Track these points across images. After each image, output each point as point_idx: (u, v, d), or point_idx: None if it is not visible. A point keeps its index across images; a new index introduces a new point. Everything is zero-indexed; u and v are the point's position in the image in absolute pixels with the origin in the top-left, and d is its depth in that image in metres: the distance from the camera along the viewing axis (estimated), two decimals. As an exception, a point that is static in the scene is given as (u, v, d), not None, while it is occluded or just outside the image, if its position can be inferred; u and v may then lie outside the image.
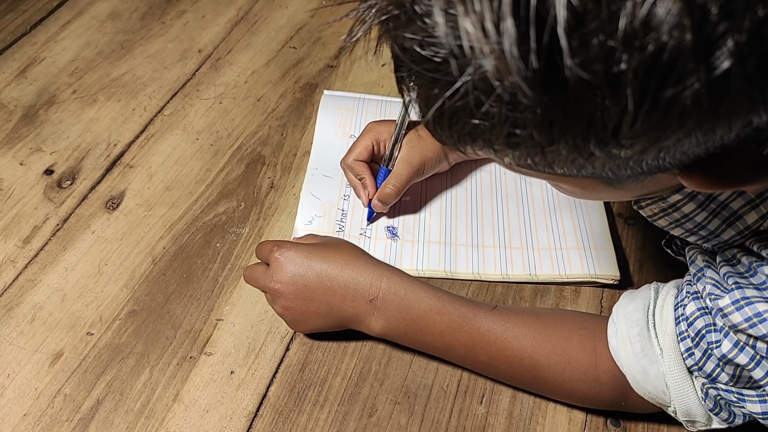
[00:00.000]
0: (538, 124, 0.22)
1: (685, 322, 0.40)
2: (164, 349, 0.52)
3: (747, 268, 0.38)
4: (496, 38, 0.19)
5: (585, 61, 0.19)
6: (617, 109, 0.21)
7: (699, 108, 0.20)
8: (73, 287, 0.55)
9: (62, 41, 0.78)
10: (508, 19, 0.19)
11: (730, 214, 0.40)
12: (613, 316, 0.45)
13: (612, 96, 0.20)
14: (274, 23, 0.83)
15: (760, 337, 0.35)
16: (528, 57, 0.20)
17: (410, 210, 0.62)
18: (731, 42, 0.19)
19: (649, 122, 0.21)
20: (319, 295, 0.48)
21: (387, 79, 0.74)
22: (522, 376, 0.48)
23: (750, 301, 0.35)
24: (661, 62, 0.19)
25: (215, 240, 0.59)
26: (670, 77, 0.19)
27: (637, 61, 0.19)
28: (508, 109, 0.21)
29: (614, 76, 0.19)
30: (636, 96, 0.20)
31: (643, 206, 0.44)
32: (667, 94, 0.20)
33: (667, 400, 0.42)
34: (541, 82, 0.20)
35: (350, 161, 0.59)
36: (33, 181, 0.63)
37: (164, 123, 0.69)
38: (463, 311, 0.48)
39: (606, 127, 0.21)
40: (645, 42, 0.19)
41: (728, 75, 0.19)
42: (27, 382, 0.49)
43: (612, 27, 0.19)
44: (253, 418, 0.48)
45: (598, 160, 0.24)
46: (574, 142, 0.23)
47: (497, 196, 0.63)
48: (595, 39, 0.19)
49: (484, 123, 0.23)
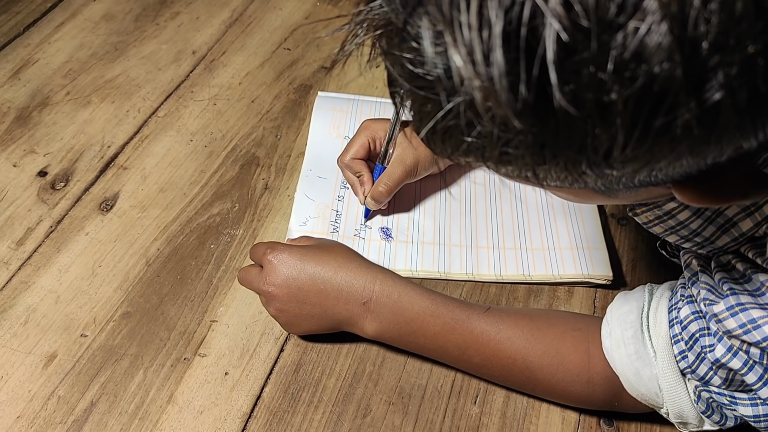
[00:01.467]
0: (530, 147, 0.22)
1: (679, 326, 0.41)
2: (158, 350, 0.52)
3: (742, 274, 0.38)
4: (485, 70, 0.19)
5: (575, 91, 0.19)
6: (607, 136, 0.21)
7: (690, 136, 0.20)
8: (66, 289, 0.55)
9: (56, 43, 0.78)
10: (497, 50, 0.19)
11: (725, 222, 0.40)
12: (607, 317, 0.46)
13: (602, 124, 0.20)
14: (269, 25, 0.83)
15: (754, 343, 0.35)
16: (517, 88, 0.19)
17: (404, 211, 0.62)
18: (722, 75, 0.19)
19: (640, 148, 0.21)
20: (312, 298, 0.49)
21: (381, 81, 0.75)
22: (515, 378, 0.48)
23: (744, 308, 0.35)
24: (651, 93, 0.19)
25: (209, 241, 0.59)
26: (661, 108, 0.19)
27: (628, 91, 0.19)
28: (500, 130, 0.21)
29: (604, 105, 0.19)
30: (626, 125, 0.20)
31: (638, 213, 0.44)
32: (658, 123, 0.20)
33: (659, 401, 0.43)
34: (531, 111, 0.20)
35: (347, 160, 0.59)
36: (26, 183, 0.63)
37: (158, 124, 0.69)
38: (456, 313, 0.48)
39: (597, 151, 0.21)
40: (636, 73, 0.19)
41: (719, 106, 0.19)
42: (20, 384, 0.49)
43: (602, 59, 0.18)
44: (248, 419, 0.48)
45: (590, 177, 0.24)
46: (566, 164, 0.23)
47: (491, 197, 0.63)
48: (585, 70, 0.19)
49: (476, 141, 0.23)
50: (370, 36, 0.24)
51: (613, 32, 0.18)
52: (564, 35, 0.18)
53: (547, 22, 0.18)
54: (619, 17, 0.18)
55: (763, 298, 0.35)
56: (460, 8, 0.19)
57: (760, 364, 0.36)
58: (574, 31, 0.18)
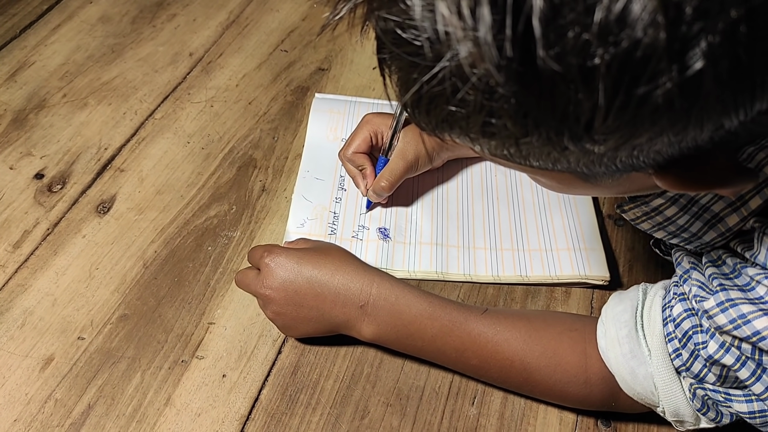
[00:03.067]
0: (513, 115, 0.22)
1: (672, 324, 0.41)
2: (156, 353, 0.51)
3: (731, 269, 0.39)
4: (471, 24, 0.19)
5: (559, 54, 0.19)
6: (590, 103, 0.21)
7: (671, 107, 0.21)
8: (63, 292, 0.55)
9: (52, 45, 0.78)
10: (484, 5, 0.19)
11: (711, 217, 0.41)
12: (602, 317, 0.46)
13: (585, 90, 0.20)
14: (266, 27, 0.83)
15: (745, 338, 0.35)
16: (503, 45, 0.19)
17: (402, 212, 0.62)
18: (704, 43, 0.19)
19: (621, 119, 0.21)
20: (309, 301, 0.49)
21: (378, 82, 0.75)
22: (513, 379, 0.48)
23: (734, 303, 0.35)
24: (634, 59, 0.19)
25: (207, 244, 0.59)
26: (643, 75, 0.19)
27: (611, 56, 0.19)
28: (483, 97, 0.22)
29: (588, 69, 0.20)
30: (608, 91, 0.20)
31: (626, 210, 0.44)
32: (640, 91, 0.20)
33: (655, 400, 0.43)
34: (515, 71, 0.20)
35: (350, 153, 0.60)
36: (23, 186, 0.63)
37: (155, 127, 0.69)
38: (453, 316, 0.48)
39: (579, 121, 0.22)
40: (619, 37, 0.19)
41: (700, 76, 0.19)
42: (17, 387, 0.49)
43: (587, 20, 0.19)
44: (245, 422, 0.48)
45: (572, 154, 0.24)
46: (548, 135, 0.23)
47: (488, 198, 0.63)
48: (571, 31, 0.19)
49: (460, 110, 0.23)
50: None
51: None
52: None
53: None
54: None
55: (753, 292, 0.36)
56: None
57: (752, 360, 0.36)
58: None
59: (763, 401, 0.37)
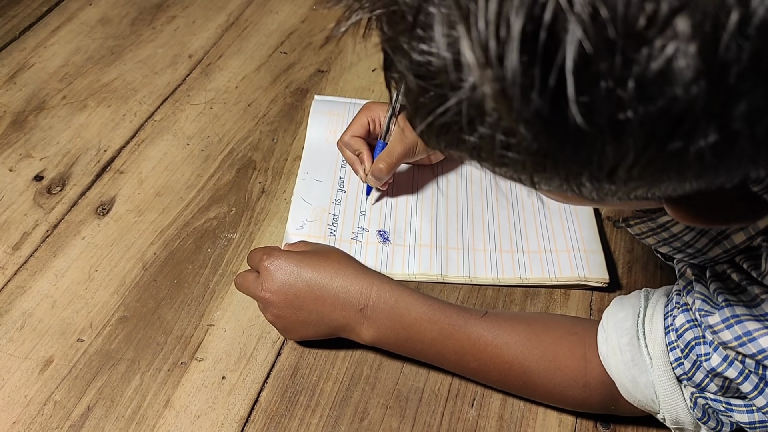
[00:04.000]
0: (531, 154, 0.21)
1: (675, 333, 0.41)
2: (155, 355, 0.51)
3: (737, 285, 0.38)
4: (498, 72, 0.18)
5: (590, 104, 0.18)
6: (616, 154, 0.19)
7: (701, 162, 0.19)
8: (63, 294, 0.55)
9: (52, 47, 0.78)
10: (514, 52, 0.17)
11: (717, 234, 0.40)
12: (603, 322, 0.46)
13: (614, 142, 0.19)
14: (265, 28, 0.83)
15: (750, 355, 0.35)
16: (530, 95, 0.18)
17: (401, 214, 0.62)
18: (745, 105, 0.18)
19: (647, 170, 0.20)
20: (309, 304, 0.49)
21: (377, 84, 0.75)
22: (512, 382, 0.48)
23: (740, 320, 0.35)
24: (670, 116, 0.18)
25: (206, 245, 0.59)
26: (677, 132, 0.18)
27: (645, 112, 0.18)
28: (503, 134, 0.20)
29: (619, 123, 0.18)
30: (638, 145, 0.19)
31: (632, 224, 0.44)
32: (671, 147, 0.19)
33: (656, 407, 0.43)
34: (541, 120, 0.19)
35: (347, 138, 0.61)
36: (22, 188, 0.63)
37: (155, 128, 0.69)
38: (453, 319, 0.48)
39: (602, 168, 0.20)
40: (656, 94, 0.17)
41: (736, 136, 0.19)
42: (16, 389, 0.49)
43: (624, 74, 0.17)
44: (245, 424, 0.48)
45: (587, 189, 0.23)
46: (566, 175, 0.22)
47: (487, 200, 0.63)
48: (604, 83, 0.18)
49: (475, 141, 0.21)
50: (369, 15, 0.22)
51: (638, 47, 0.17)
52: (587, 44, 0.17)
53: (570, 27, 0.17)
54: (648, 32, 0.17)
55: (758, 309, 0.35)
56: (478, 1, 0.18)
57: (756, 374, 0.36)
58: (597, 41, 0.17)
59: (765, 413, 0.37)
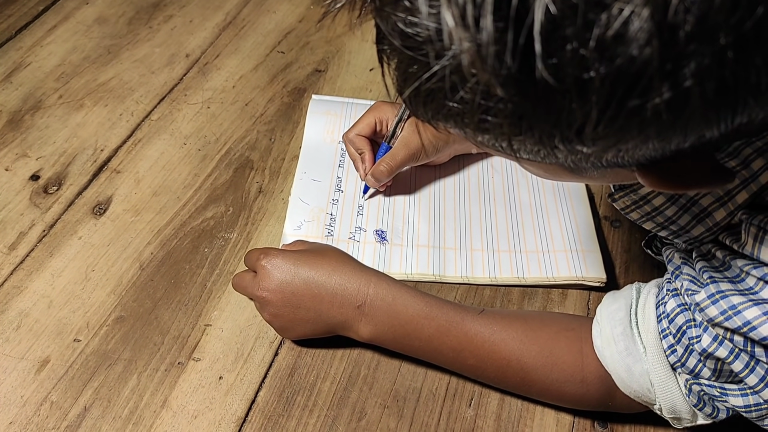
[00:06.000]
0: (508, 116, 0.23)
1: (666, 320, 0.41)
2: (152, 355, 0.51)
3: (721, 262, 0.39)
4: (474, 33, 0.20)
5: (557, 65, 0.20)
6: (582, 112, 0.22)
7: (658, 120, 0.22)
8: (59, 293, 0.55)
9: (48, 46, 0.78)
10: (488, 16, 0.20)
11: (699, 211, 0.41)
12: (597, 316, 0.46)
13: (579, 100, 0.21)
14: (262, 28, 0.83)
15: (736, 329, 0.35)
16: (503, 55, 0.20)
17: (399, 214, 0.62)
18: (694, 64, 0.20)
19: (611, 127, 0.22)
20: (306, 303, 0.49)
21: (375, 84, 0.75)
22: (510, 379, 0.48)
23: (725, 295, 0.36)
24: (627, 75, 0.20)
25: (203, 245, 0.59)
26: (635, 89, 0.20)
27: (605, 70, 0.20)
28: (481, 97, 0.22)
29: (583, 82, 0.20)
30: (601, 103, 0.21)
31: (616, 198, 0.45)
32: (630, 104, 0.21)
33: (652, 397, 0.43)
34: (514, 80, 0.21)
35: (352, 135, 0.61)
36: (19, 187, 0.63)
37: (151, 128, 0.69)
38: (450, 316, 0.48)
39: (571, 126, 0.23)
40: (615, 54, 0.20)
41: (688, 93, 0.21)
42: (13, 389, 0.49)
43: (585, 36, 0.19)
44: (242, 424, 0.48)
45: (561, 152, 0.25)
46: (540, 136, 0.24)
47: (485, 199, 0.63)
48: (569, 45, 0.20)
49: (457, 106, 0.23)
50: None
51: (599, 11, 0.19)
52: (552, 8, 0.19)
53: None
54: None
55: (742, 284, 0.36)
56: None
57: (745, 352, 0.36)
58: (562, 6, 0.19)
59: (758, 394, 0.37)
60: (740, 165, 0.38)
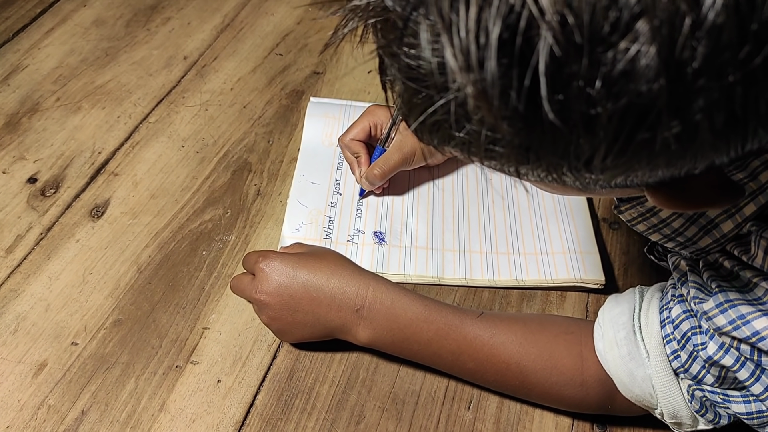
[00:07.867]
0: (515, 148, 0.23)
1: (671, 325, 0.41)
2: (150, 358, 0.51)
3: (729, 271, 0.39)
4: (478, 75, 0.20)
5: (563, 102, 0.20)
6: (590, 146, 0.21)
7: (667, 150, 0.21)
8: (57, 297, 0.54)
9: (46, 48, 0.77)
10: (492, 57, 0.19)
11: (707, 222, 0.41)
12: (599, 320, 0.46)
13: (586, 135, 0.21)
14: (260, 30, 0.83)
15: (744, 339, 0.35)
16: (508, 95, 0.20)
17: (397, 216, 0.62)
18: (702, 99, 0.20)
19: (620, 159, 0.22)
20: (305, 306, 0.48)
21: (373, 86, 0.75)
22: (509, 382, 0.48)
23: (733, 304, 0.36)
24: (635, 110, 0.20)
25: (201, 248, 0.59)
26: (643, 124, 0.20)
27: (613, 107, 0.20)
28: (488, 129, 0.22)
29: (590, 118, 0.20)
30: (609, 138, 0.21)
31: (622, 210, 0.45)
32: (639, 138, 0.21)
33: (653, 402, 0.43)
34: (520, 118, 0.21)
35: (347, 140, 0.62)
36: (16, 190, 0.62)
37: (149, 130, 0.69)
38: (449, 319, 0.48)
39: (579, 158, 0.22)
40: (622, 91, 0.19)
41: (697, 127, 0.20)
42: (10, 393, 0.49)
43: (591, 74, 0.19)
44: (241, 427, 0.48)
45: (569, 178, 0.25)
46: (548, 166, 0.24)
47: (484, 201, 0.63)
48: (575, 83, 0.19)
49: (464, 137, 0.23)
50: (364, 23, 0.24)
51: (604, 50, 0.19)
52: (557, 49, 0.19)
53: (542, 34, 0.19)
54: (612, 36, 0.18)
55: (751, 294, 0.36)
56: (459, 12, 0.19)
57: (752, 360, 0.36)
58: (567, 46, 0.19)
59: (762, 402, 0.37)
60: (748, 177, 0.38)
